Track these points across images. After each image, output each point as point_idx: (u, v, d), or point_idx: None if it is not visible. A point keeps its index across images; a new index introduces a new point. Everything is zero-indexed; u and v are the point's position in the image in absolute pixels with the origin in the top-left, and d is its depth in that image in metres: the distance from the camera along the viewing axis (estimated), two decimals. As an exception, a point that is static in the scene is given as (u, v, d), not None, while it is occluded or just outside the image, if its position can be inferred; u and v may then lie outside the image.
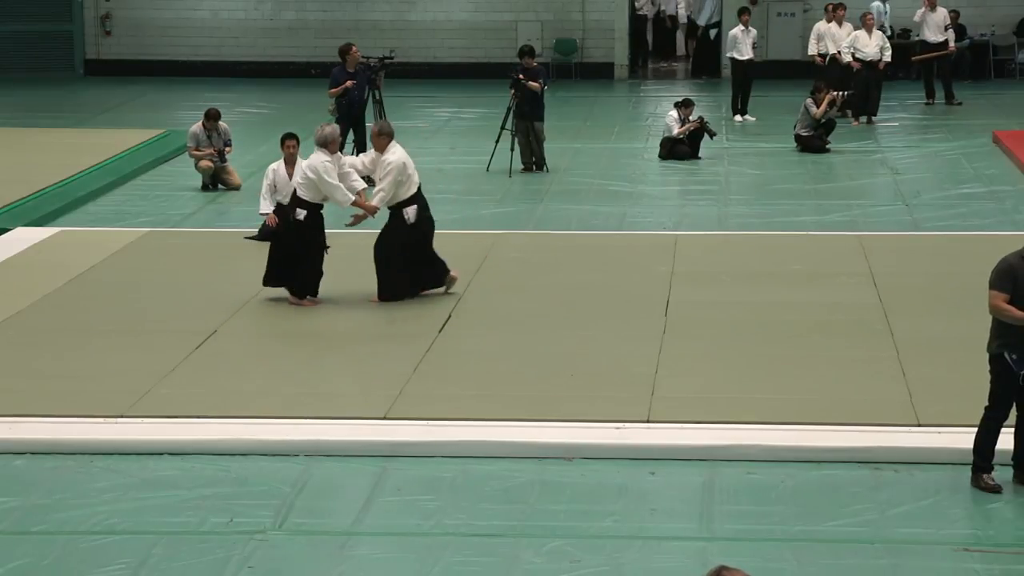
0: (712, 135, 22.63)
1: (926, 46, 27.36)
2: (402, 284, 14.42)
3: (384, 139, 14.42)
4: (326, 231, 16.89)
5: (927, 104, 27.49)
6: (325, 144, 14.25)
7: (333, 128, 14.57)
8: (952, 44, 27.55)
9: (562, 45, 31.55)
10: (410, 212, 14.39)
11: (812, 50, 26.32)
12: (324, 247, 14.49)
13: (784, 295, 14.60)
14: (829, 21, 26.28)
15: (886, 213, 18.81)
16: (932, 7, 27.31)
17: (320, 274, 14.44)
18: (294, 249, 14.32)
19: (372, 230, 17.89)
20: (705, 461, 10.56)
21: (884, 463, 10.48)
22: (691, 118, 22.51)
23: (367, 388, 11.91)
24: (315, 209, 14.38)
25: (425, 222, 14.53)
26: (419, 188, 14.48)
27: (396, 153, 14.30)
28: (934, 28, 27.32)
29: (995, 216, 18.47)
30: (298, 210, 14.31)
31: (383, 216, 14.58)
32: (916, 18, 27.51)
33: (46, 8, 32.31)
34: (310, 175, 14.19)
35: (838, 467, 10.46)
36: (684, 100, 22.81)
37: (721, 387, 11.93)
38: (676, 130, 22.39)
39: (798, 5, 30.89)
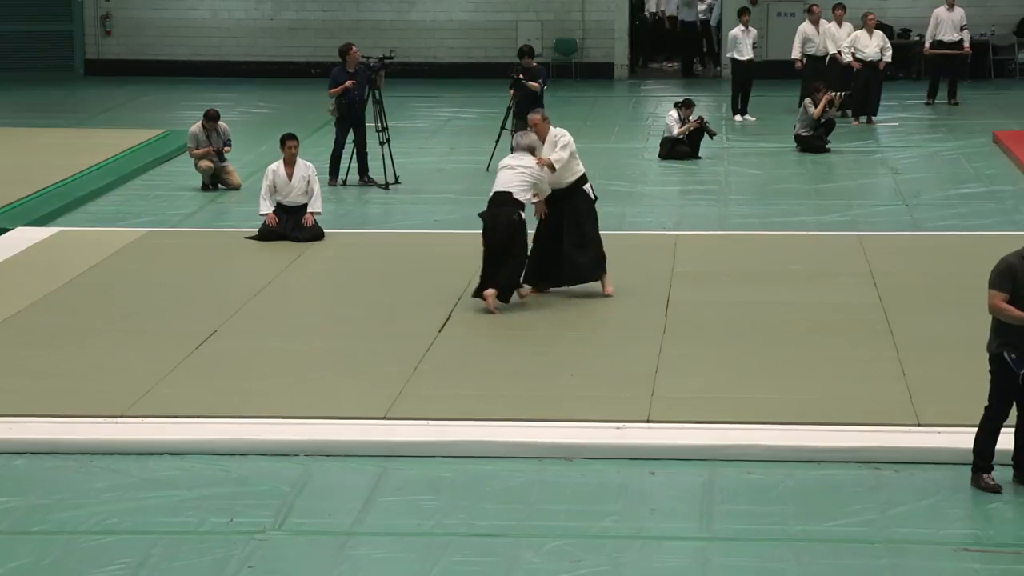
0: (712, 135, 22.64)
1: (941, 45, 27.29)
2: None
3: (546, 123, 14.52)
4: (326, 230, 16.98)
5: (927, 104, 27.48)
6: (533, 151, 14.29)
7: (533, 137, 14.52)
8: (967, 45, 27.47)
9: (562, 45, 31.55)
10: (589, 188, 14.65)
11: (796, 54, 26.15)
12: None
13: (784, 295, 14.59)
14: (815, 23, 26.11)
15: (886, 213, 18.80)
16: (950, 7, 27.27)
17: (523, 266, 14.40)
18: (507, 250, 14.13)
19: (365, 230, 17.92)
20: (705, 461, 10.56)
21: (884, 463, 10.47)
22: (691, 118, 22.51)
23: (367, 388, 11.90)
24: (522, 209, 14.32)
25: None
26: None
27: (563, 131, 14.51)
28: (950, 28, 27.28)
29: (995, 216, 18.46)
30: (520, 213, 14.15)
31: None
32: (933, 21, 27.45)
33: (46, 8, 32.31)
34: (531, 179, 14.17)
35: (838, 467, 10.45)
36: (685, 100, 22.80)
37: (721, 387, 11.92)
38: (676, 130, 22.39)
39: (798, 5, 30.87)
